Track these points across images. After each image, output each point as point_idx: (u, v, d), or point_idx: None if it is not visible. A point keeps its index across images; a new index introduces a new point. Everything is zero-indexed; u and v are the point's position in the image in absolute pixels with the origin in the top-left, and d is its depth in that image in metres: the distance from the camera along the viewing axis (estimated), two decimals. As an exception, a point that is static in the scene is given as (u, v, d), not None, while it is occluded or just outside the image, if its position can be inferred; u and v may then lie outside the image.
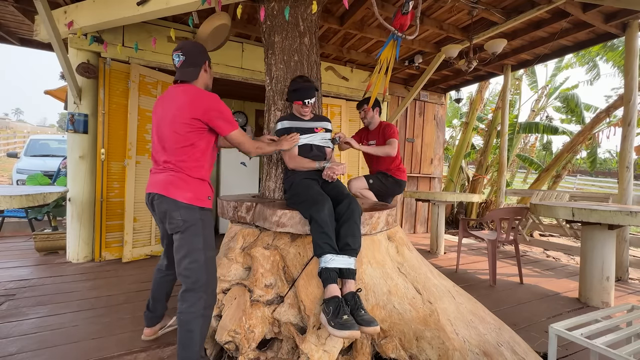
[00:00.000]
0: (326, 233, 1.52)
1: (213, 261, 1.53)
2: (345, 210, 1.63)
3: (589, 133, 6.13)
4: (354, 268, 1.51)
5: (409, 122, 5.68)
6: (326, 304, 1.39)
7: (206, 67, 1.61)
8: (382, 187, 2.69)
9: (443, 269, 3.44)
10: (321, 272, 1.49)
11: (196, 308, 1.42)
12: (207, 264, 1.47)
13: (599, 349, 1.17)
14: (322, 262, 1.49)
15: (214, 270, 1.52)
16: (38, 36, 3.25)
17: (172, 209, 1.46)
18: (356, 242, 1.56)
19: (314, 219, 1.56)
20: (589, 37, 3.78)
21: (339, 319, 1.29)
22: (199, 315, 1.42)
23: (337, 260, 1.48)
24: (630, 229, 4.27)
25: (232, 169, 4.74)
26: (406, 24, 2.20)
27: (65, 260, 3.27)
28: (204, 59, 1.60)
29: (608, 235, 2.52)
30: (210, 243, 1.53)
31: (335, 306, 1.35)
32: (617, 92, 9.34)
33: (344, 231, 1.57)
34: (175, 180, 1.48)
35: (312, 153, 2.04)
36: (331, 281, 1.45)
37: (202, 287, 1.45)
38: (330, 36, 4.02)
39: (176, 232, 1.47)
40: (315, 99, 2.06)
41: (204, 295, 1.44)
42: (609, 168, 19.18)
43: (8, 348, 1.72)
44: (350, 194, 1.81)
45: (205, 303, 1.45)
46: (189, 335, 1.40)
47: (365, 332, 1.32)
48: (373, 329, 1.30)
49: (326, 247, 1.50)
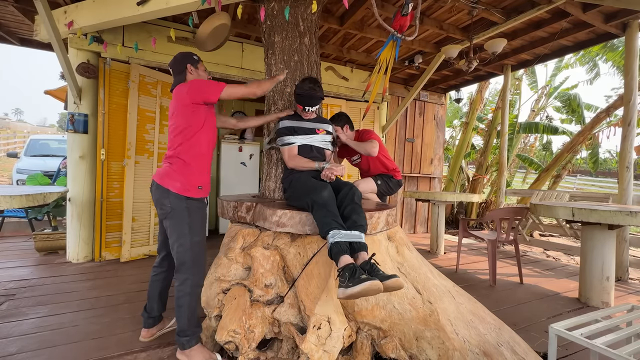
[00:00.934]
0: (330, 211, 1.52)
1: (199, 246, 1.67)
2: (346, 194, 1.67)
3: (589, 133, 6.13)
4: (364, 242, 1.45)
5: (409, 122, 5.68)
6: (341, 273, 1.30)
7: (190, 69, 1.78)
8: (388, 188, 2.67)
9: (443, 269, 3.44)
10: (331, 248, 1.41)
11: (184, 286, 1.62)
12: (192, 248, 1.63)
13: (599, 349, 1.17)
14: (330, 238, 1.43)
15: (200, 254, 1.67)
16: (38, 36, 3.25)
17: (164, 196, 1.64)
18: (362, 220, 1.55)
19: (315, 202, 1.57)
20: (589, 37, 3.78)
21: (357, 278, 1.22)
22: (187, 294, 1.62)
23: (346, 234, 1.44)
24: (630, 229, 4.27)
25: (232, 169, 4.74)
26: (406, 25, 2.20)
27: (65, 260, 3.27)
28: (185, 63, 1.77)
29: (608, 235, 2.52)
30: (197, 229, 1.67)
31: (352, 270, 1.27)
32: (617, 92, 9.34)
33: (348, 212, 1.58)
34: (170, 171, 1.66)
35: (312, 154, 2.05)
36: (343, 253, 1.38)
37: (189, 269, 1.63)
38: (330, 36, 4.02)
39: (165, 218, 1.65)
40: (317, 107, 2.06)
41: (190, 277, 1.63)
42: (609, 168, 19.18)
43: (8, 348, 1.72)
44: (349, 182, 1.85)
45: (192, 282, 1.64)
46: (179, 309, 1.62)
47: (387, 288, 1.23)
48: (394, 282, 1.22)
49: (332, 222, 1.47)
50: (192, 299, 1.63)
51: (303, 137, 2.03)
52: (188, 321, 1.61)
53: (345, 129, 2.54)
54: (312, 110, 2.02)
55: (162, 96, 3.57)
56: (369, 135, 2.56)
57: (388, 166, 2.66)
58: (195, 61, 1.80)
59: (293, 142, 2.02)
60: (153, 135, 3.50)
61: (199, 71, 1.81)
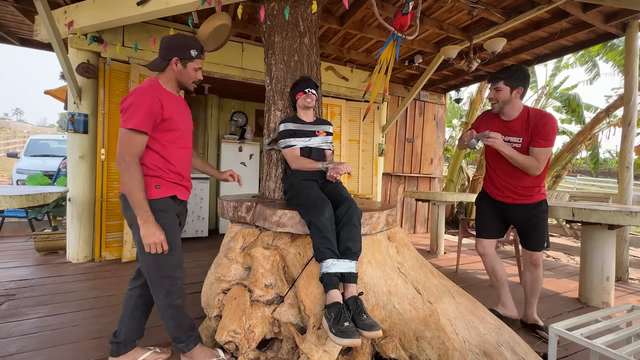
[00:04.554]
0: (326, 238, 1.52)
1: (166, 254, 1.47)
2: (345, 213, 1.61)
3: (589, 133, 6.13)
4: (355, 272, 1.51)
5: (409, 122, 5.68)
6: (328, 310, 1.39)
7: (177, 62, 1.52)
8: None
9: (443, 269, 3.44)
10: (322, 277, 1.49)
11: (159, 300, 1.50)
12: (156, 257, 1.45)
13: (599, 349, 1.17)
14: (324, 267, 1.49)
15: (168, 263, 1.49)
16: (38, 36, 3.25)
17: (123, 204, 1.49)
18: (357, 246, 1.56)
19: (313, 223, 1.55)
20: (589, 37, 3.78)
21: (340, 325, 1.29)
22: (165, 306, 1.51)
23: (339, 265, 1.48)
24: (630, 229, 4.27)
25: (232, 169, 4.74)
26: (406, 24, 2.20)
27: (65, 260, 3.27)
28: (175, 53, 1.51)
29: (608, 235, 2.52)
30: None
31: (337, 312, 1.34)
32: (617, 92, 9.34)
33: (344, 235, 1.56)
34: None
35: (312, 156, 2.05)
36: (333, 287, 1.45)
37: (157, 280, 1.49)
38: (330, 36, 4.02)
39: (130, 226, 1.51)
40: (316, 95, 2.07)
41: (162, 290, 1.49)
42: (609, 168, 19.17)
43: (8, 348, 1.72)
44: (349, 197, 1.76)
45: (167, 294, 1.50)
46: (165, 322, 1.55)
47: (366, 337, 1.32)
48: (374, 334, 1.29)
49: (327, 252, 1.50)
50: (173, 310, 1.52)
51: (303, 139, 2.04)
52: (177, 329, 1.55)
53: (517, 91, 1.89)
54: (313, 93, 2.03)
55: (162, 96, 3.56)
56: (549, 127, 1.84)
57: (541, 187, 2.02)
58: (187, 56, 1.52)
59: (294, 145, 2.02)
60: (153, 135, 3.50)
61: (188, 70, 1.55)
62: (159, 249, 1.42)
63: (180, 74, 1.55)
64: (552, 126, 1.85)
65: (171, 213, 1.53)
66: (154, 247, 1.41)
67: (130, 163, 1.38)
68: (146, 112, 1.39)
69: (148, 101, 1.40)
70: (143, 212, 1.39)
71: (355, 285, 1.50)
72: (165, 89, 1.53)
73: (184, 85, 1.60)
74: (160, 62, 1.53)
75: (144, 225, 1.39)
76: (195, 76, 1.59)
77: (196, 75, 1.59)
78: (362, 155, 4.84)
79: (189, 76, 1.57)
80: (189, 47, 1.54)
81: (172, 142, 1.53)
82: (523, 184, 1.99)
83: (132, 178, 1.37)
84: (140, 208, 1.39)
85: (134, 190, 1.38)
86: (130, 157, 1.38)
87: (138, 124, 1.37)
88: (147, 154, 1.47)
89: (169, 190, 1.52)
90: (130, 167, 1.38)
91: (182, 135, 1.57)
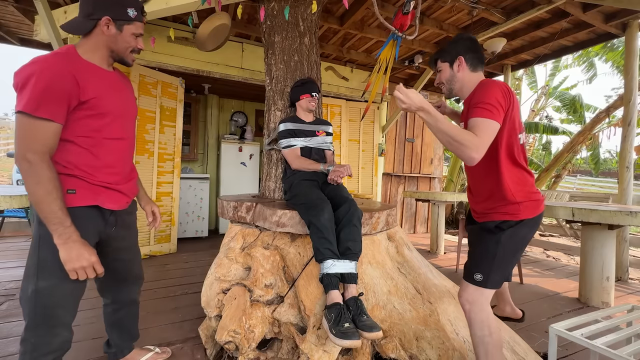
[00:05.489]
0: (326, 238, 1.51)
1: (48, 296, 1.08)
2: (346, 213, 1.61)
3: (589, 133, 6.14)
4: (355, 272, 1.51)
5: (409, 122, 5.68)
6: (328, 311, 1.39)
7: (109, 23, 1.13)
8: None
9: (443, 269, 3.44)
10: (322, 278, 1.49)
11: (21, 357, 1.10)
12: (36, 298, 1.06)
13: (599, 349, 1.17)
14: (324, 267, 1.49)
15: (47, 312, 1.09)
16: (38, 36, 3.24)
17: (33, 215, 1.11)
18: (357, 246, 1.55)
19: (313, 224, 1.55)
20: (589, 37, 3.78)
21: (340, 326, 1.28)
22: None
23: (339, 266, 1.48)
24: (630, 229, 4.27)
25: (232, 169, 4.75)
26: (406, 24, 2.20)
27: (65, 260, 3.27)
28: (105, 11, 1.12)
29: (608, 235, 2.52)
30: (50, 267, 1.07)
31: (337, 313, 1.34)
32: (617, 92, 9.34)
33: (344, 235, 1.56)
34: None
35: (312, 156, 2.05)
36: (333, 287, 1.45)
37: (28, 327, 1.09)
38: (330, 36, 4.02)
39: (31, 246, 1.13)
40: (318, 97, 2.08)
41: (28, 344, 1.08)
42: (609, 168, 19.17)
43: (8, 348, 1.72)
44: (350, 197, 1.76)
45: (30, 349, 1.08)
46: None
47: (366, 338, 1.31)
48: (375, 335, 1.29)
49: (327, 252, 1.49)
50: None
51: (303, 139, 2.04)
52: None
53: (457, 68, 1.38)
54: (318, 97, 2.06)
55: (162, 96, 3.56)
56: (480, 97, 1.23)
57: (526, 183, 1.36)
58: (124, 16, 1.14)
59: (295, 145, 2.02)
60: (153, 136, 3.49)
61: (124, 35, 1.17)
62: (90, 273, 1.07)
63: (114, 40, 1.16)
64: (489, 89, 1.23)
65: (88, 230, 1.12)
66: (82, 272, 1.05)
67: (34, 163, 0.99)
68: (52, 91, 1.00)
69: (54, 76, 1.01)
70: (61, 229, 1.01)
71: (356, 285, 1.50)
72: (84, 59, 1.13)
73: (118, 55, 1.21)
74: (82, 22, 1.14)
75: (63, 247, 1.02)
76: (135, 43, 1.22)
77: (136, 42, 1.22)
78: (362, 155, 4.84)
79: (126, 43, 1.19)
80: (126, 4, 1.15)
81: (97, 131, 1.14)
82: (481, 194, 1.41)
83: (38, 183, 0.99)
84: (57, 223, 1.01)
85: (44, 199, 0.99)
86: (33, 155, 0.99)
87: (37, 108, 0.99)
88: (59, 146, 1.08)
89: (88, 197, 1.13)
90: (34, 169, 0.99)
91: (113, 122, 1.18)
